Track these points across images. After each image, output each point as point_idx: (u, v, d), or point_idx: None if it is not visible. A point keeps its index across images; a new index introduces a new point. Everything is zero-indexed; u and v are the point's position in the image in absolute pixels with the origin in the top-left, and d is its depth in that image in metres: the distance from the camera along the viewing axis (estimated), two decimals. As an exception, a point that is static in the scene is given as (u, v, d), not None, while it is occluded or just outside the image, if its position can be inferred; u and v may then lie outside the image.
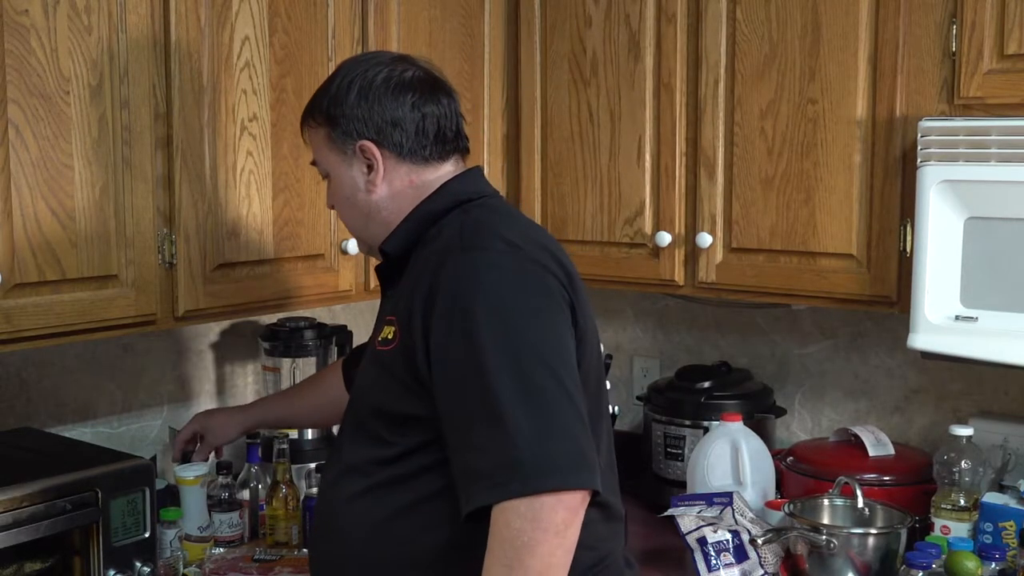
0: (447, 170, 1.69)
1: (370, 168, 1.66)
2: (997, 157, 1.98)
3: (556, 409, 1.44)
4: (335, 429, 2.52)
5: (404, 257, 1.65)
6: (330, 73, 1.76)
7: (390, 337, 1.58)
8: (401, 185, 1.67)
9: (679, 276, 2.45)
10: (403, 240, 1.66)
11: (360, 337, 2.53)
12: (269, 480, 2.38)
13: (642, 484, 2.69)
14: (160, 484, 2.20)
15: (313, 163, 1.75)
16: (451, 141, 1.69)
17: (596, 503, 1.56)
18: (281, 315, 2.54)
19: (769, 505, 2.31)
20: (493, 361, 1.43)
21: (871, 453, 2.34)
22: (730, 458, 2.35)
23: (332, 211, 2.26)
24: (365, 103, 1.65)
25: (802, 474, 2.36)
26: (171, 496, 2.29)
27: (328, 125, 1.67)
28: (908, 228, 2.12)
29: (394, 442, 1.57)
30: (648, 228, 2.47)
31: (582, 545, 1.50)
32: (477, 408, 1.44)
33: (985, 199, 2.00)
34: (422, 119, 1.66)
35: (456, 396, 1.47)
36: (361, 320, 2.81)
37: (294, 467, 2.41)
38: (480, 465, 1.43)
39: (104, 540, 1.89)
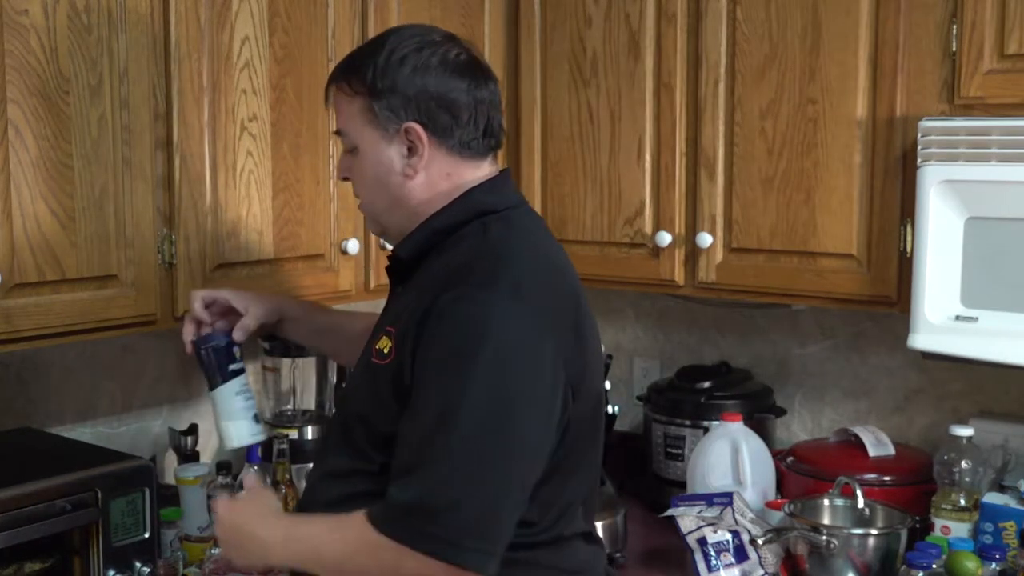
0: (485, 171, 1.61)
1: (411, 151, 1.56)
2: (997, 157, 1.98)
3: (499, 478, 1.41)
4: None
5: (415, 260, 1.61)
6: (367, 41, 1.67)
7: (385, 351, 1.53)
8: (438, 176, 1.58)
9: (679, 276, 2.45)
10: (418, 248, 1.59)
11: (360, 337, 2.53)
12: (269, 480, 2.38)
13: (642, 484, 2.69)
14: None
15: (337, 132, 1.64)
16: (495, 135, 1.61)
17: (579, 531, 1.60)
18: (281, 315, 2.53)
19: (769, 505, 2.31)
20: (464, 409, 1.40)
21: (871, 453, 2.34)
22: (730, 458, 2.35)
23: (331, 209, 2.27)
24: (419, 82, 1.54)
25: (802, 474, 2.36)
26: (171, 496, 2.29)
27: (371, 97, 1.55)
28: (908, 228, 2.12)
29: (374, 458, 1.53)
30: (648, 228, 2.47)
31: (567, 571, 1.52)
32: (425, 444, 1.41)
33: (985, 199, 2.00)
34: (475, 107, 1.57)
35: (416, 421, 1.44)
36: (361, 320, 2.81)
37: (294, 467, 2.40)
38: (401, 497, 1.42)
39: (104, 540, 1.89)
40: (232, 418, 1.74)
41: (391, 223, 1.64)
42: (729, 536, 2.15)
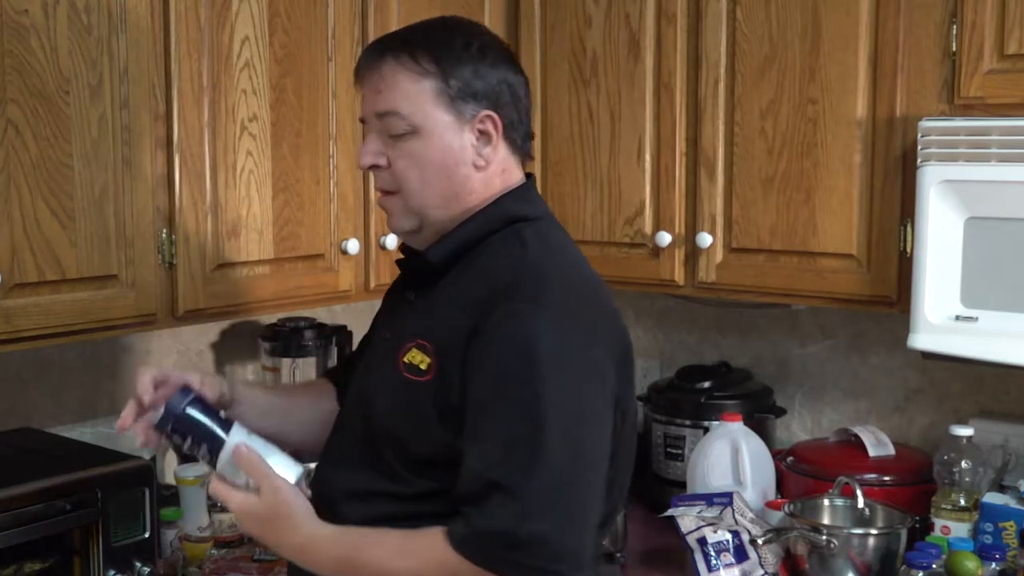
0: (522, 174, 1.57)
1: (480, 140, 1.50)
2: (997, 157, 1.98)
3: (580, 500, 1.37)
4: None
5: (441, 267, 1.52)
6: (420, 24, 1.59)
7: (423, 367, 1.44)
8: (495, 172, 1.52)
9: (679, 276, 2.45)
10: (451, 254, 1.51)
11: (360, 337, 2.53)
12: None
13: (642, 484, 2.68)
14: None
15: (384, 113, 1.50)
16: (532, 137, 1.59)
17: (601, 551, 1.57)
18: (281, 315, 2.54)
19: (769, 505, 2.31)
20: (539, 431, 1.34)
21: (871, 453, 2.34)
22: (730, 458, 2.34)
23: (331, 209, 2.27)
24: (498, 73, 1.50)
25: (802, 474, 2.36)
26: (171, 496, 2.29)
27: (449, 77, 1.47)
28: (908, 228, 2.12)
29: (410, 480, 1.45)
30: (648, 228, 2.47)
31: None
32: (503, 469, 1.34)
33: (985, 199, 2.00)
34: (528, 104, 1.55)
35: (486, 445, 1.36)
36: (362, 319, 2.80)
37: (294, 467, 2.40)
38: (489, 524, 1.34)
39: (104, 540, 1.89)
40: (268, 455, 1.48)
41: (437, 219, 1.52)
42: (729, 536, 2.15)
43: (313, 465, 1.61)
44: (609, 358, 1.44)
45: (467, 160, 1.49)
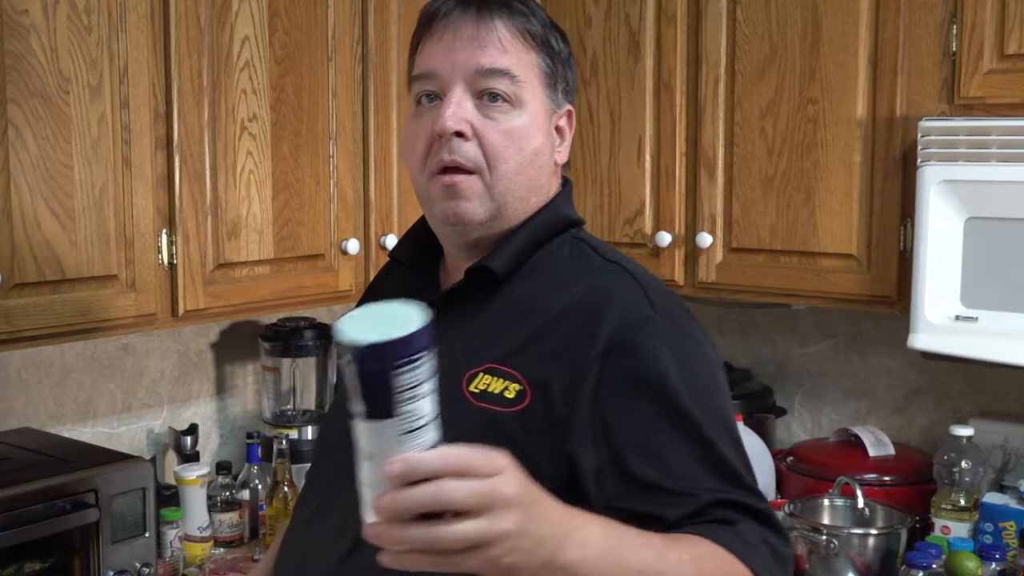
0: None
1: (556, 135, 1.35)
2: (997, 157, 1.98)
3: None
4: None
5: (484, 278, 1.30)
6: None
7: (510, 395, 1.20)
8: (558, 172, 1.37)
9: (679, 276, 2.44)
10: (513, 263, 1.29)
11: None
12: (269, 480, 2.38)
13: (642, 484, 2.68)
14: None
15: (489, 71, 1.26)
16: None
17: None
18: (281, 315, 2.54)
19: (769, 505, 2.31)
20: (736, 435, 1.30)
21: (871, 453, 2.34)
22: (730, 458, 2.34)
23: (331, 209, 2.27)
24: (573, 72, 1.39)
25: (802, 474, 2.36)
26: (171, 496, 2.29)
27: (552, 60, 1.33)
28: (908, 228, 2.12)
29: None
30: (648, 228, 2.47)
31: None
32: (738, 480, 1.28)
33: (985, 199, 2.00)
34: None
35: (709, 457, 1.25)
36: (361, 320, 2.80)
37: (294, 467, 2.41)
38: (770, 539, 1.21)
39: (104, 540, 1.89)
40: None
41: (512, 212, 1.30)
42: (729, 536, 2.15)
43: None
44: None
45: (552, 153, 1.33)
